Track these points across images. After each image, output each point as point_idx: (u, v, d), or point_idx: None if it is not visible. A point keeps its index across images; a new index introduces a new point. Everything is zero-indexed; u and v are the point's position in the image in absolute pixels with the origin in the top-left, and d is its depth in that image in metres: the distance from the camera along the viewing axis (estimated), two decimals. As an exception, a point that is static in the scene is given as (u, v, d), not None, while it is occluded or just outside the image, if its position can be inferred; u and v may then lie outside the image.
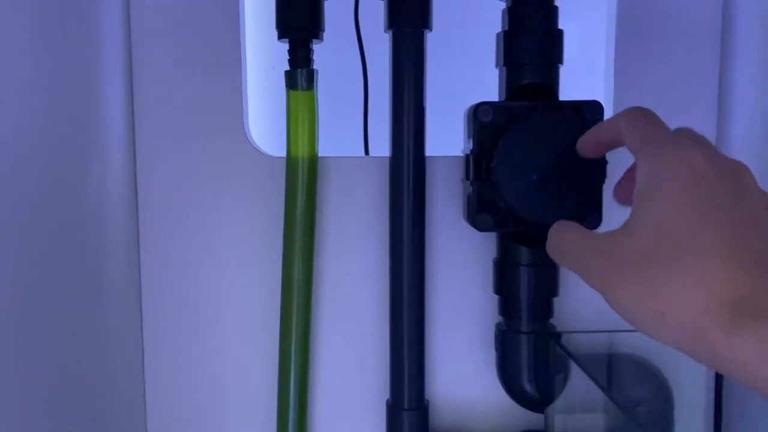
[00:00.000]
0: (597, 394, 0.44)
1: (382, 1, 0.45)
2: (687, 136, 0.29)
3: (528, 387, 0.46)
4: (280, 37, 0.44)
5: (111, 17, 0.45)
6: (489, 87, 0.47)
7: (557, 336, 0.45)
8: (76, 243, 0.40)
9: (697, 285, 0.25)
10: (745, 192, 0.28)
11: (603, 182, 0.41)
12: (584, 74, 0.50)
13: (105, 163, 0.44)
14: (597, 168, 0.41)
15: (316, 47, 0.45)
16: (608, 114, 0.44)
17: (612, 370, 0.48)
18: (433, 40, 0.46)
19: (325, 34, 0.45)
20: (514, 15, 0.43)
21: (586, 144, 0.37)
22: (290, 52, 0.44)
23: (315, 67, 0.45)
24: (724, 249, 0.25)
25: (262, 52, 0.50)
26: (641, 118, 0.32)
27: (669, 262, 0.26)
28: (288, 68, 0.45)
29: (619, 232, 0.28)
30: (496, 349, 0.47)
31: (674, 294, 0.25)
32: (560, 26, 0.44)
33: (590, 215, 0.42)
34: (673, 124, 0.49)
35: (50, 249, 0.37)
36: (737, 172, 0.28)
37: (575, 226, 0.32)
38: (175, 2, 0.47)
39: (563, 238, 0.32)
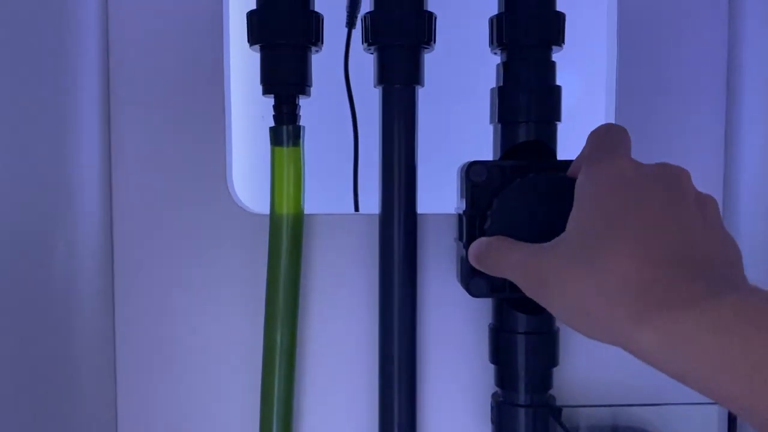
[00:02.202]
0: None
1: (372, 56, 0.43)
2: (625, 154, 0.31)
3: (527, 464, 0.43)
4: (265, 92, 0.42)
5: (89, 69, 0.43)
6: (485, 141, 0.45)
7: (558, 411, 0.42)
8: (44, 305, 0.37)
9: (610, 281, 0.26)
10: (678, 194, 0.29)
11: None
12: (584, 125, 0.49)
13: (78, 223, 0.42)
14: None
15: (305, 101, 0.43)
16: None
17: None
18: (425, 93, 0.44)
19: (314, 86, 0.43)
20: (508, 70, 0.42)
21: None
22: (275, 108, 0.42)
23: (302, 122, 0.43)
24: (637, 246, 0.26)
25: (251, 102, 0.49)
26: (595, 136, 0.34)
27: (590, 262, 0.27)
28: (273, 124, 0.43)
29: (553, 240, 0.30)
30: (492, 422, 0.44)
31: (593, 292, 0.27)
32: (559, 76, 0.42)
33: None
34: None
35: (17, 317, 0.34)
36: (670, 174, 0.29)
37: (500, 239, 0.35)
38: (156, 53, 0.45)
39: (498, 251, 0.35)
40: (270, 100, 0.43)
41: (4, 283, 0.33)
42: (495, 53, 0.43)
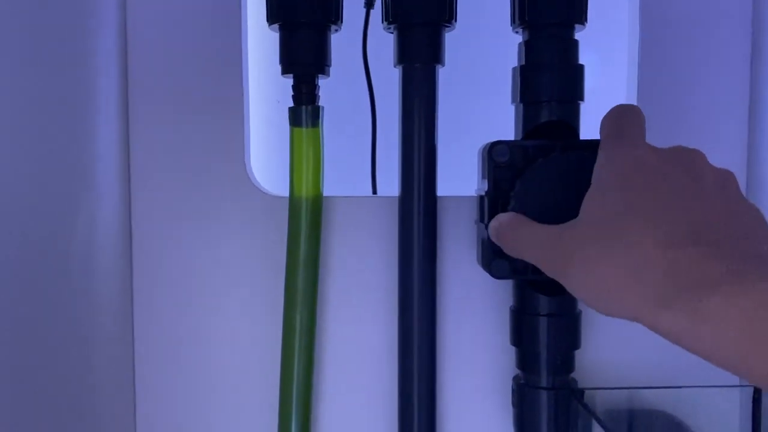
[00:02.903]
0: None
1: (392, 35, 0.43)
2: (640, 140, 0.32)
3: (548, 447, 0.42)
4: (284, 72, 0.42)
5: (107, 52, 0.43)
6: (504, 124, 0.44)
7: (580, 393, 0.41)
8: (64, 289, 0.37)
9: (635, 261, 0.26)
10: (696, 174, 0.29)
11: (628, 227, 0.38)
12: (606, 106, 0.48)
13: (98, 203, 0.42)
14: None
15: (323, 81, 0.43)
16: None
17: (636, 427, 0.45)
18: (446, 74, 0.43)
19: (332, 67, 0.43)
20: (530, 49, 0.41)
21: None
22: (294, 88, 0.42)
23: (321, 103, 0.43)
24: (661, 226, 0.27)
25: (266, 86, 0.48)
26: (610, 120, 0.34)
27: (613, 243, 0.27)
28: (292, 104, 0.43)
29: (570, 221, 0.31)
30: (513, 405, 0.44)
31: (617, 272, 0.27)
32: (581, 59, 0.41)
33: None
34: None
35: (37, 300, 0.34)
36: (689, 158, 0.30)
37: (522, 219, 0.35)
38: (174, 36, 0.45)
39: (517, 231, 0.35)
40: (285, 85, 0.43)
41: (27, 266, 0.33)
42: (516, 32, 0.43)
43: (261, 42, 0.47)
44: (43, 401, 0.35)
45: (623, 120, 0.33)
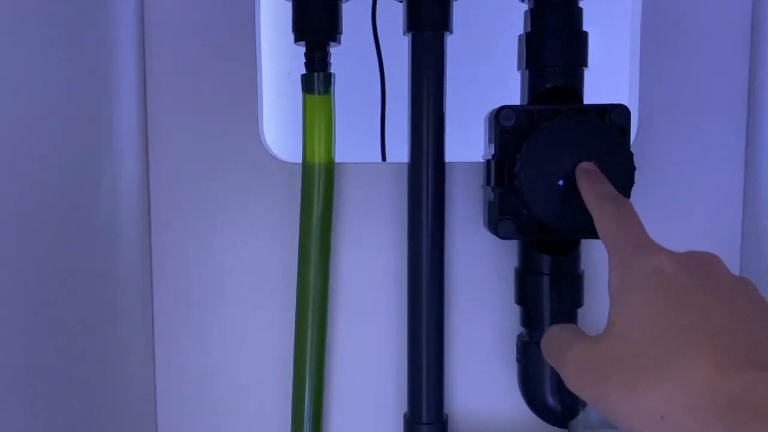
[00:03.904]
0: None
1: (401, 3, 0.44)
2: (655, 246, 0.30)
3: (551, 400, 0.44)
4: (297, 40, 0.43)
5: (125, 23, 0.44)
6: (509, 91, 0.45)
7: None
8: (88, 246, 0.39)
9: (691, 385, 0.25)
10: (719, 282, 0.28)
11: (631, 187, 0.40)
12: (608, 79, 0.49)
13: (118, 169, 0.43)
14: (624, 174, 0.39)
15: (333, 50, 0.44)
16: (634, 119, 0.43)
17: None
18: (452, 43, 0.45)
19: (342, 37, 0.44)
20: (537, 17, 0.42)
21: None
22: (307, 55, 0.43)
23: (332, 70, 0.44)
24: (707, 345, 0.25)
25: (277, 58, 0.49)
26: (613, 215, 0.33)
27: (657, 365, 0.26)
28: (304, 72, 0.44)
29: (602, 338, 0.29)
30: (518, 361, 0.46)
31: (670, 396, 0.25)
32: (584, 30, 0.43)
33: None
34: (701, 129, 0.48)
35: (62, 254, 0.36)
36: (707, 264, 0.29)
37: (568, 329, 0.32)
38: (190, 8, 0.46)
39: (556, 338, 0.32)
40: (295, 57, 0.44)
41: (53, 222, 0.35)
42: (523, 0, 0.44)
43: (271, 14, 0.48)
44: (68, 355, 0.37)
45: (624, 221, 0.33)
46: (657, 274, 0.28)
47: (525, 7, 0.43)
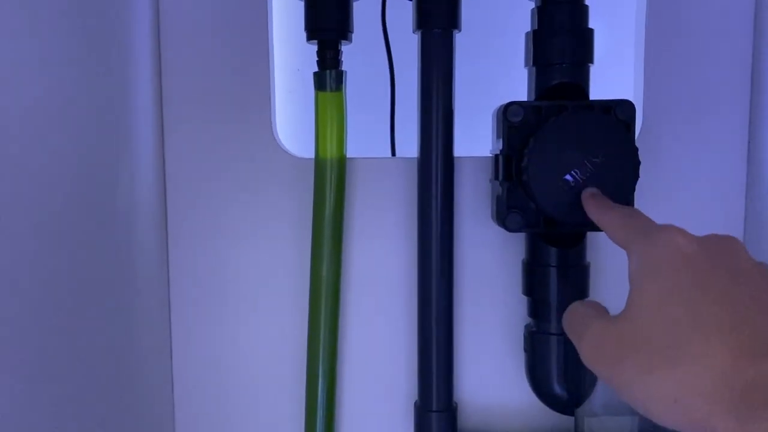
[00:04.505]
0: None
1: (410, 2, 0.45)
2: (670, 225, 0.30)
3: (557, 389, 0.45)
4: (309, 38, 0.44)
5: (140, 21, 0.45)
6: (515, 87, 0.46)
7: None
8: (107, 240, 0.40)
9: (707, 371, 0.25)
10: (739, 266, 0.28)
11: (635, 182, 0.41)
12: (613, 74, 0.50)
13: (134, 166, 0.44)
14: (629, 168, 0.40)
15: (343, 48, 0.45)
16: (638, 114, 0.44)
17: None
18: (460, 39, 0.45)
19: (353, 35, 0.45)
20: (543, 14, 0.43)
21: None
22: (319, 53, 0.44)
23: (343, 68, 0.45)
24: (726, 332, 0.25)
25: (288, 55, 0.51)
26: (621, 218, 0.34)
27: (674, 348, 0.26)
28: (316, 70, 0.45)
29: (620, 318, 0.29)
30: (525, 351, 0.47)
31: (684, 380, 0.25)
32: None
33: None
34: (705, 124, 0.49)
35: (82, 247, 0.37)
36: (727, 247, 0.29)
37: (590, 305, 0.33)
38: (204, 6, 0.47)
39: (577, 313, 0.33)
40: (305, 55, 0.45)
41: (76, 216, 0.36)
42: (530, -1, 0.45)
43: (282, 12, 0.49)
44: (86, 343, 0.38)
45: (632, 217, 0.33)
46: (676, 253, 0.28)
47: (532, 4, 0.44)
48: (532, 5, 0.44)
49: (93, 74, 0.39)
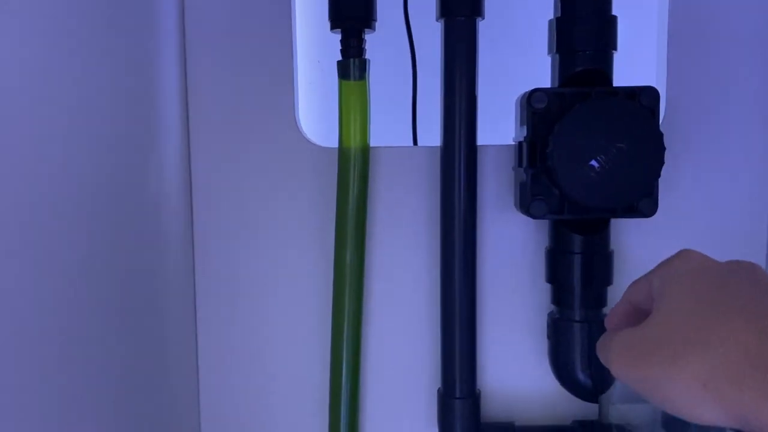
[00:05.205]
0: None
1: (433, -9, 0.45)
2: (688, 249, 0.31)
3: (581, 376, 0.46)
4: (333, 27, 0.44)
5: (166, 16, 0.46)
6: (536, 75, 0.46)
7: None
8: (136, 233, 0.41)
9: (732, 352, 0.25)
10: (758, 280, 0.28)
11: (660, 168, 0.41)
12: (635, 62, 0.50)
13: (162, 159, 0.45)
14: (654, 154, 0.40)
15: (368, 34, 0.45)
16: (662, 99, 0.44)
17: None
18: (481, 27, 0.45)
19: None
20: (567, 2, 0.43)
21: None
22: (342, 42, 0.44)
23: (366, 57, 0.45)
24: (749, 315, 0.26)
25: (309, 46, 0.51)
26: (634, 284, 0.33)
27: (697, 334, 0.26)
28: (335, 61, 0.45)
29: (644, 323, 0.29)
30: (549, 338, 0.47)
31: (711, 363, 0.25)
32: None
33: (645, 201, 0.42)
34: (728, 109, 0.48)
35: (113, 241, 0.38)
36: (746, 267, 0.29)
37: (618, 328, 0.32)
38: (230, 3, 0.48)
39: (607, 337, 0.32)
40: (325, 46, 0.45)
41: (106, 210, 0.37)
42: (553, -15, 0.45)
43: (301, 6, 0.50)
44: (115, 342, 0.39)
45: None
46: (695, 264, 0.29)
47: (555, -8, 0.44)
48: (556, -8, 0.44)
49: (122, 70, 0.39)
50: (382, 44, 0.48)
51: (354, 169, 0.46)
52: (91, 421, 0.35)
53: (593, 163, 0.40)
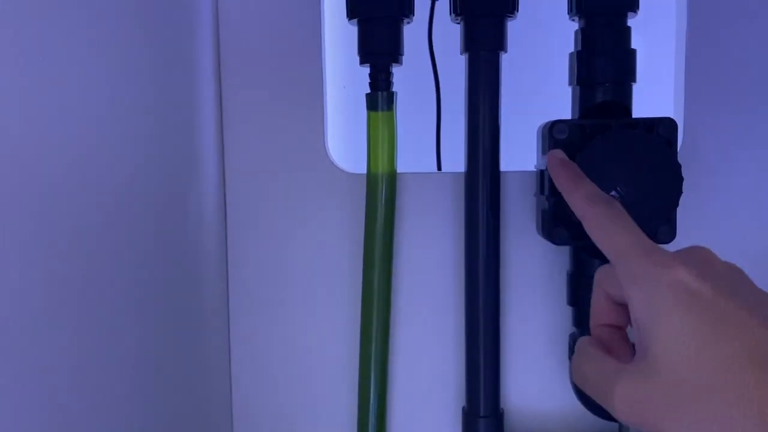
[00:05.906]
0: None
1: (458, 25, 0.47)
2: (669, 260, 0.29)
3: (602, 396, 0.47)
4: (362, 62, 0.47)
5: (202, 41, 0.48)
6: (557, 103, 0.48)
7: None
8: (176, 256, 0.43)
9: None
10: (747, 297, 0.28)
11: (678, 197, 0.42)
12: (653, 91, 0.51)
13: (201, 185, 0.47)
14: (672, 184, 0.42)
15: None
16: (680, 132, 0.45)
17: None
18: (507, 59, 0.47)
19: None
20: (587, 36, 0.45)
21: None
22: (371, 76, 0.47)
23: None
24: (754, 374, 0.26)
25: (336, 73, 0.53)
26: (609, 220, 0.33)
27: (709, 400, 0.26)
28: (361, 86, 0.47)
29: (647, 369, 0.28)
30: (570, 359, 0.48)
31: (731, 422, 0.25)
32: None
33: (664, 228, 0.43)
34: (744, 142, 0.50)
35: (154, 257, 0.40)
36: (730, 275, 0.29)
37: (593, 356, 0.32)
38: (261, 29, 0.50)
39: (589, 368, 0.32)
40: (351, 70, 0.47)
41: (149, 231, 0.39)
42: (573, 20, 0.46)
43: (336, 33, 0.52)
44: (152, 347, 0.41)
45: (620, 225, 0.33)
46: (683, 292, 0.28)
47: (576, 26, 0.46)
48: (576, 26, 0.46)
49: (170, 104, 0.42)
50: (407, 74, 0.50)
51: (381, 194, 0.48)
52: (136, 419, 0.37)
53: (613, 193, 0.41)
